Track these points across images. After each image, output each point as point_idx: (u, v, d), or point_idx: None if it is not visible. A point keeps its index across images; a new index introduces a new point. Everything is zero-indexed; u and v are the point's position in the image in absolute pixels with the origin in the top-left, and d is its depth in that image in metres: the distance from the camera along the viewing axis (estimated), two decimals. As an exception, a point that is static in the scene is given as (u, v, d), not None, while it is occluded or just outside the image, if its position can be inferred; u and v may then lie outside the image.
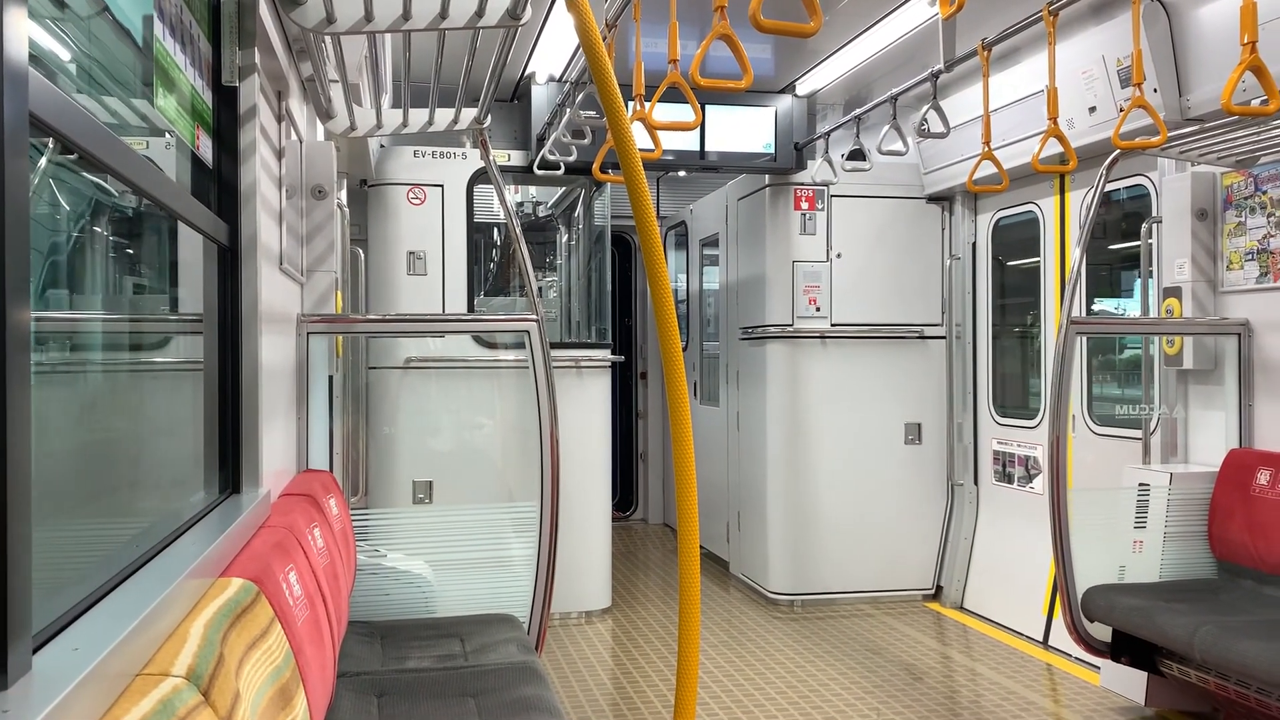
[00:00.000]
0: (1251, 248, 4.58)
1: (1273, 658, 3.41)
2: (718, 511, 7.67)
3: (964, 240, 6.70)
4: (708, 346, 8.35)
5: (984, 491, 6.55)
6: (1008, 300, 6.64)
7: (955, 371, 6.73)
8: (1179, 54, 4.59)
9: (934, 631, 6.07)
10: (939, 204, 6.77)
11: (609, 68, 2.21)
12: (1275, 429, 4.49)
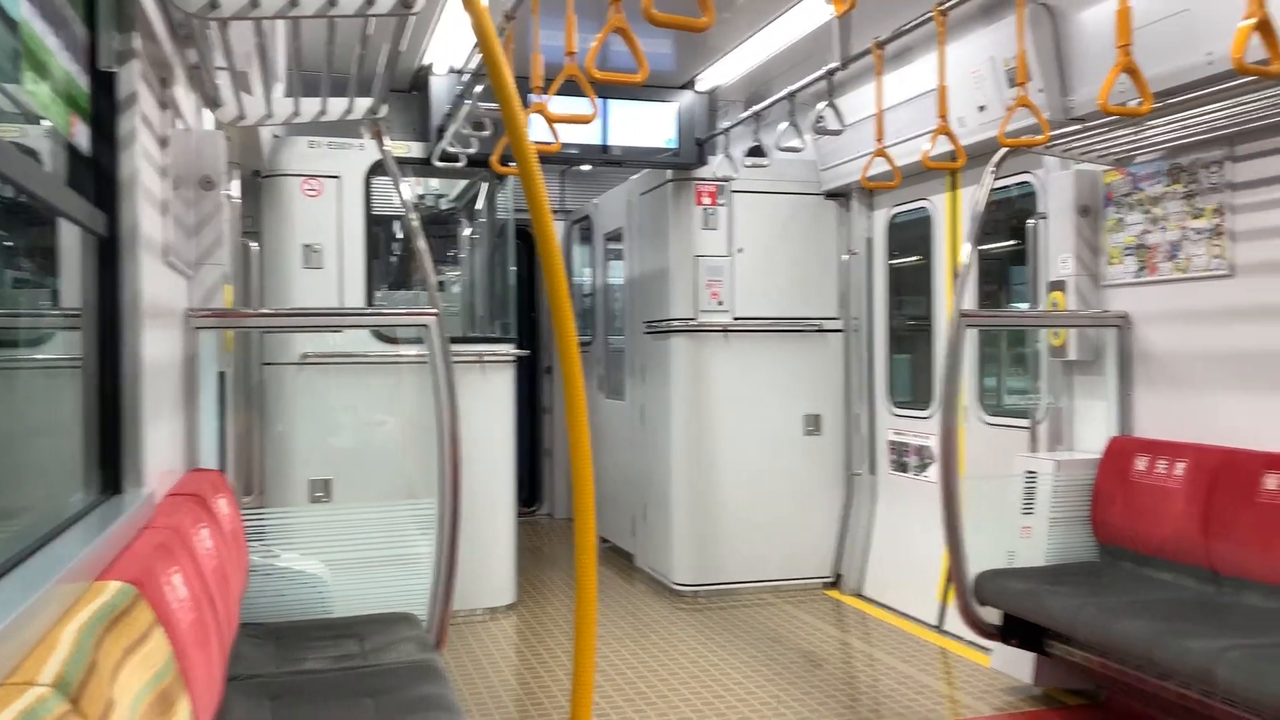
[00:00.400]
0: (1130, 243, 4.78)
1: (1148, 636, 3.57)
2: (623, 505, 7.69)
3: (861, 236, 6.84)
4: (613, 340, 8.36)
5: (881, 481, 6.71)
6: (904, 294, 6.80)
7: (853, 364, 6.87)
8: (1063, 56, 4.75)
9: (833, 619, 6.19)
10: (837, 200, 6.90)
11: (503, 59, 2.19)
12: (1153, 417, 4.69)
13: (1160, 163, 4.61)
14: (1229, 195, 4.29)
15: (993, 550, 4.75)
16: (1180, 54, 4.05)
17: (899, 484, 6.51)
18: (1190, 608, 3.88)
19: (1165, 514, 4.30)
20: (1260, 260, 4.19)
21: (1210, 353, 4.41)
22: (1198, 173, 4.43)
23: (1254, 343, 4.21)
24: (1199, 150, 4.41)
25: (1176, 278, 4.54)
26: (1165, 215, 4.59)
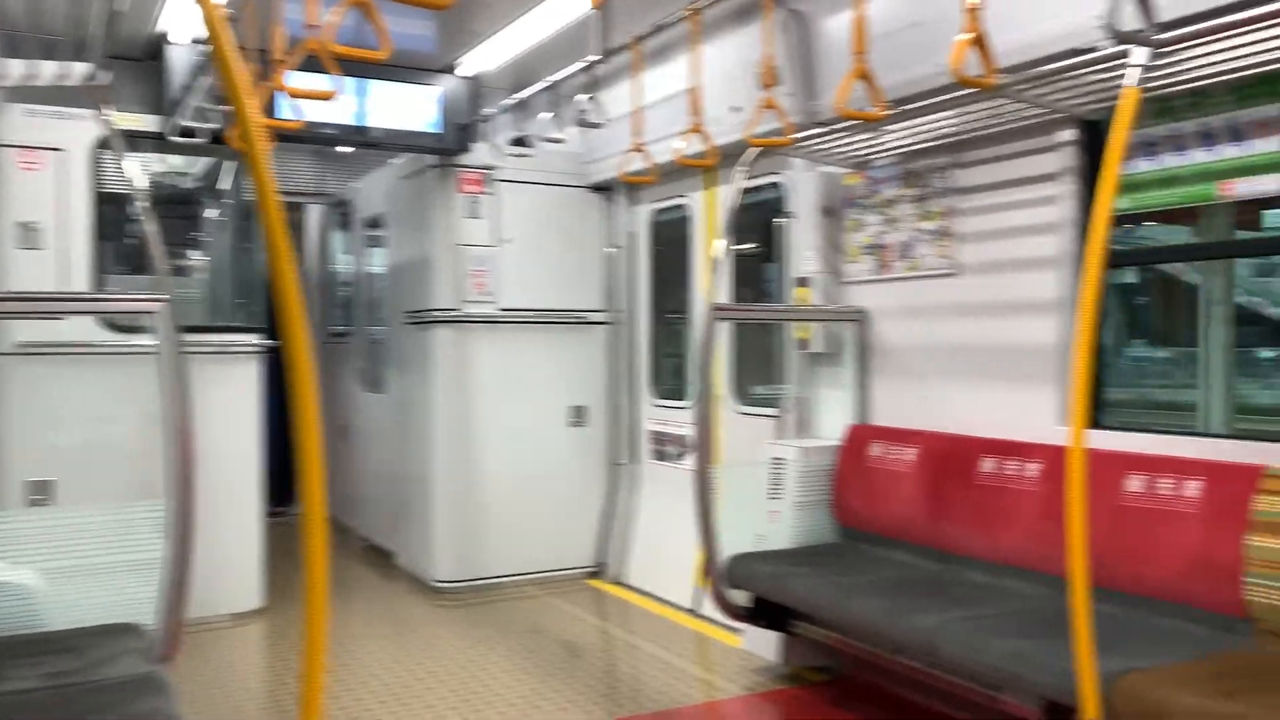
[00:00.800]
0: (868, 243, 5.06)
1: (880, 613, 3.79)
2: (384, 503, 7.47)
3: (624, 230, 6.93)
4: (373, 332, 8.09)
5: (643, 470, 6.83)
6: (665, 288, 6.94)
7: (617, 356, 6.95)
8: (810, 61, 4.97)
9: (595, 608, 6.24)
10: (602, 193, 6.95)
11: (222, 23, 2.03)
12: (888, 406, 4.99)
13: (895, 167, 4.90)
14: (955, 199, 4.62)
15: (744, 534, 4.92)
16: (913, 64, 4.31)
17: (660, 473, 6.64)
18: (919, 585, 4.15)
19: (898, 497, 4.58)
20: (981, 260, 4.53)
21: (938, 346, 4.73)
22: (928, 177, 4.74)
23: (976, 337, 4.55)
24: (929, 156, 4.72)
25: (909, 275, 4.85)
26: (899, 217, 4.88)
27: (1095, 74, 3.59)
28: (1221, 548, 3.33)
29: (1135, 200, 3.98)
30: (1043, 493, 3.99)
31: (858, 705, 4.51)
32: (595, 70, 5.05)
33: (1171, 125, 3.82)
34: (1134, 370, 8.94)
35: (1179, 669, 2.98)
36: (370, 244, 8.19)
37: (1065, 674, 3.01)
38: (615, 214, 6.97)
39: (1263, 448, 3.52)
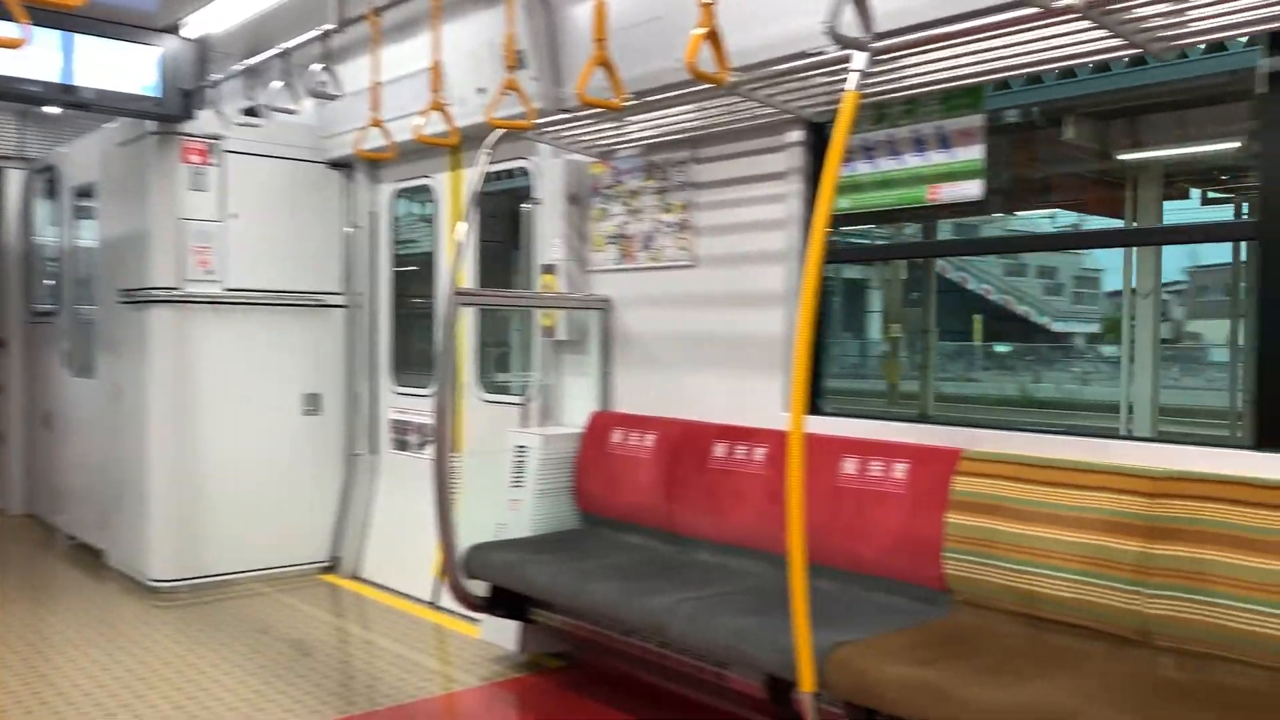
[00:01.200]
0: (613, 232, 5.11)
1: (615, 597, 3.83)
2: (93, 497, 6.84)
3: (365, 209, 6.67)
4: (82, 311, 7.38)
5: (382, 461, 6.61)
6: (408, 271, 6.74)
7: (356, 341, 6.69)
8: (556, 47, 4.94)
9: (329, 605, 5.99)
10: (341, 170, 6.65)
11: None
12: (629, 393, 5.06)
13: (639, 158, 4.97)
14: (693, 193, 4.73)
15: (485, 524, 4.86)
16: (655, 58, 4.37)
17: (400, 463, 6.45)
18: (653, 568, 4.23)
19: (636, 482, 4.66)
20: (716, 253, 4.67)
21: (678, 335, 4.84)
22: (668, 170, 4.83)
23: (712, 327, 4.69)
24: (670, 149, 4.81)
25: (650, 266, 4.93)
26: (642, 208, 4.96)
27: (820, 77, 3.77)
28: (924, 525, 3.59)
29: (855, 200, 4.22)
30: (768, 476, 4.16)
31: (593, 689, 4.55)
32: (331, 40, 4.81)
33: (889, 130, 4.07)
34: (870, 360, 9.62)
35: (885, 640, 3.18)
36: (80, 215, 7.47)
37: (785, 649, 3.15)
38: (355, 192, 6.69)
39: (963, 432, 3.82)
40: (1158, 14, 2.99)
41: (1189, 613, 2.91)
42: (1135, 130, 9.19)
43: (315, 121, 6.43)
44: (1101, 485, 3.19)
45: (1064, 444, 3.47)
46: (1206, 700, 2.73)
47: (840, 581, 3.89)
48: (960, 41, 3.25)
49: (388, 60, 5.57)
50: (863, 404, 16.22)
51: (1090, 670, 2.95)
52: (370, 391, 6.68)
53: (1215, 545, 2.88)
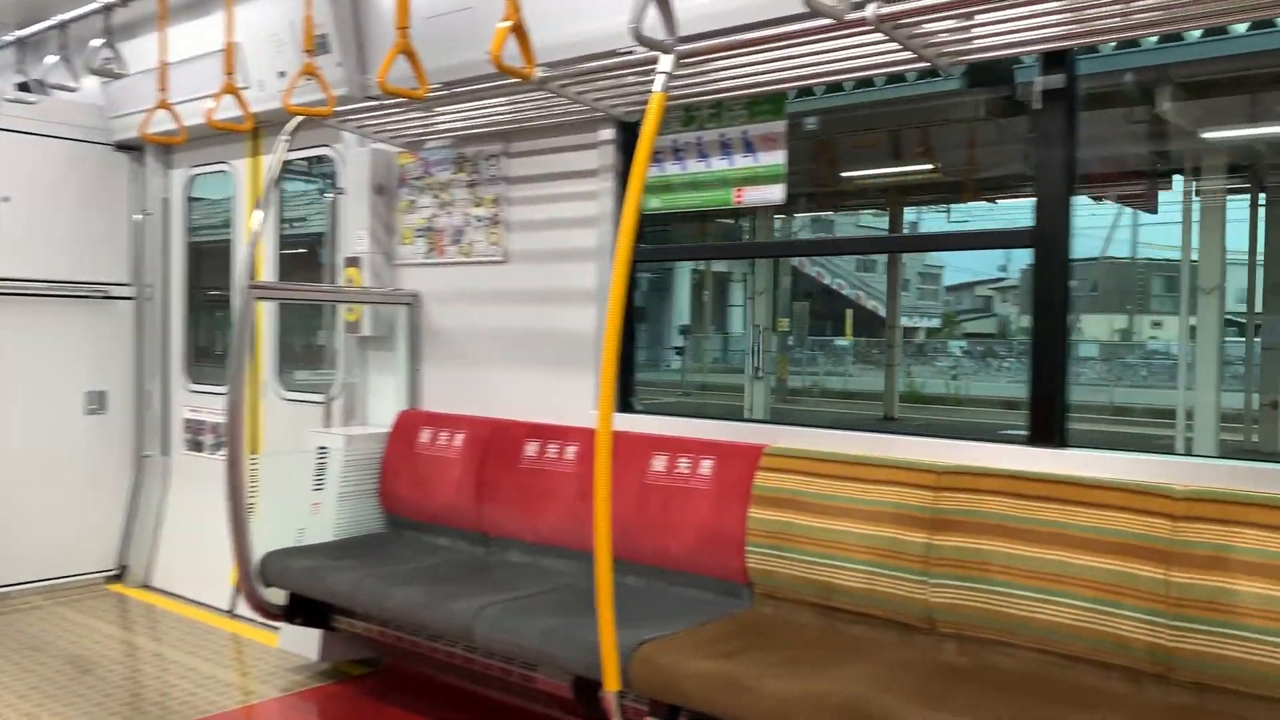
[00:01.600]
0: (421, 225, 4.98)
1: (420, 601, 3.73)
2: None
3: (157, 195, 6.27)
4: None
5: (175, 462, 6.24)
6: (206, 261, 6.38)
7: (146, 336, 6.28)
8: (362, 32, 4.76)
9: (115, 616, 5.60)
10: (129, 153, 6.23)
11: None
12: (439, 391, 4.94)
13: (449, 150, 4.86)
14: (504, 188, 4.67)
15: (284, 529, 4.65)
16: (463, 49, 4.28)
17: (194, 464, 6.11)
18: (461, 570, 4.16)
19: (445, 482, 4.56)
20: (528, 249, 4.62)
21: (489, 331, 4.77)
22: (480, 163, 4.75)
23: (522, 323, 4.64)
24: (482, 142, 4.73)
25: (460, 261, 4.83)
26: (452, 201, 4.85)
27: (631, 77, 3.78)
28: (728, 520, 3.66)
29: (666, 200, 4.26)
30: (579, 474, 4.15)
31: (398, 695, 4.43)
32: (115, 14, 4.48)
33: (697, 132, 4.12)
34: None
35: (688, 635, 3.23)
36: None
37: (590, 648, 3.15)
38: (146, 177, 6.27)
39: (768, 429, 3.91)
40: (945, 30, 3.14)
41: (969, 600, 3.08)
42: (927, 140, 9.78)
43: (101, 101, 6.00)
44: (891, 480, 3.33)
45: (859, 440, 3.60)
46: (984, 682, 2.89)
47: (648, 578, 3.92)
48: (761, 48, 3.32)
49: (182, 38, 5.25)
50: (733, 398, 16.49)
51: (880, 658, 3.08)
52: (162, 389, 6.29)
53: (992, 536, 3.06)
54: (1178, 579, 2.74)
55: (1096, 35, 3.07)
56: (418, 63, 3.46)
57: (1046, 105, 3.27)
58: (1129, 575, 2.81)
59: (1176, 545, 2.76)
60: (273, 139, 5.46)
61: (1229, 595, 2.66)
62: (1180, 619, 2.72)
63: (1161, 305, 29.98)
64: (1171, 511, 2.81)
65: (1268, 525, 2.66)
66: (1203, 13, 2.83)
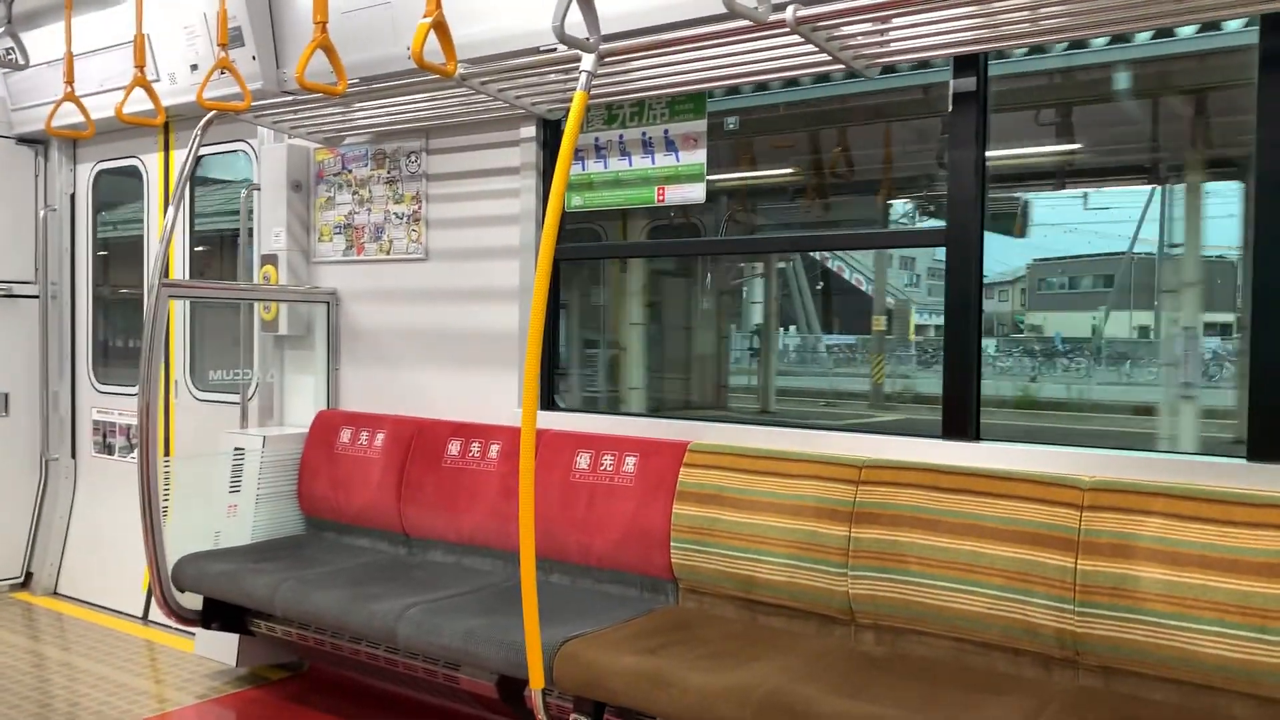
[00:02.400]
0: (340, 222, 4.90)
1: (341, 604, 3.68)
2: None
3: (62, 190, 6.07)
4: None
5: (83, 465, 6.05)
6: (116, 258, 6.20)
7: (51, 335, 6.08)
8: (278, 27, 4.68)
9: (20, 625, 5.41)
10: (32, 147, 6.02)
11: None
12: (359, 391, 4.88)
13: (368, 146, 4.80)
14: (425, 185, 4.62)
15: (199, 532, 4.55)
16: (383, 44, 4.24)
17: (104, 467, 5.93)
18: (383, 571, 4.11)
19: (365, 483, 4.50)
20: (450, 247, 4.58)
21: (410, 330, 4.72)
22: (400, 160, 4.70)
23: (444, 322, 4.60)
24: (402, 139, 4.68)
25: (380, 258, 4.78)
26: (371, 198, 4.79)
27: (554, 75, 3.78)
28: (653, 517, 3.68)
29: (588, 198, 4.26)
30: (503, 473, 4.13)
31: (320, 699, 4.37)
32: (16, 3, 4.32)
33: (620, 131, 4.14)
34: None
35: (613, 632, 3.24)
36: None
37: (514, 647, 3.15)
38: (50, 172, 6.07)
39: (692, 425, 3.94)
40: (861, 33, 3.20)
41: (886, 591, 3.15)
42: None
43: (2, 92, 5.79)
44: (813, 474, 3.39)
45: (781, 435, 3.66)
46: (900, 671, 2.96)
47: (573, 576, 3.93)
48: (683, 48, 3.35)
49: (90, 29, 5.10)
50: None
51: (801, 649, 3.13)
52: (69, 390, 6.10)
53: (909, 528, 3.13)
54: (1084, 567, 2.84)
55: (1006, 40, 3.15)
56: (336, 58, 3.41)
57: (958, 107, 3.35)
58: (1038, 564, 2.90)
59: (1083, 534, 2.87)
60: (186, 134, 5.34)
61: (1132, 582, 2.76)
62: (1086, 605, 2.82)
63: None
64: (1079, 502, 2.91)
65: (1169, 514, 2.77)
66: (1108, 20, 2.93)
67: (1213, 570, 2.67)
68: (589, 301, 7.76)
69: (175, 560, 4.27)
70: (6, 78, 5.69)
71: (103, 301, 6.14)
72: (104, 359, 6.13)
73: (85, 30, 5.08)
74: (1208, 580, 2.67)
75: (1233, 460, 2.88)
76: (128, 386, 5.87)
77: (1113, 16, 2.90)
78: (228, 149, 5.30)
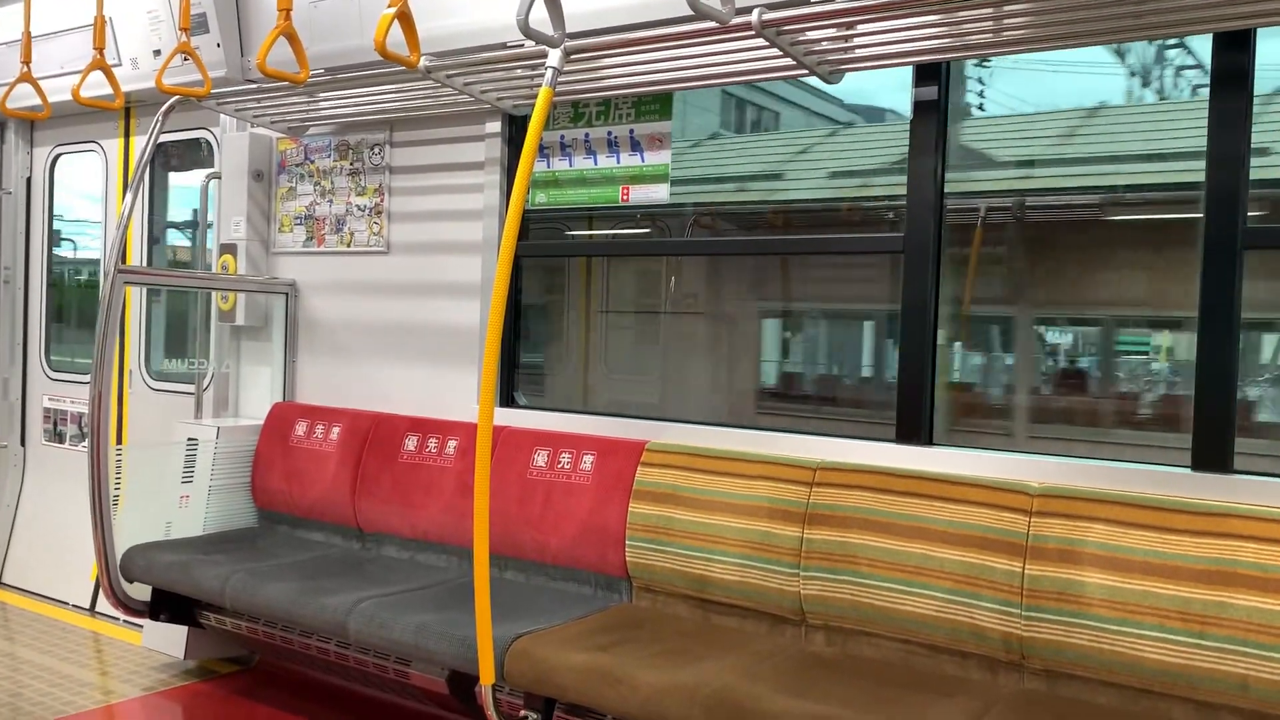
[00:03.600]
0: (301, 213, 4.87)
1: (291, 597, 3.65)
2: None
3: (19, 174, 5.97)
4: None
5: (32, 453, 5.96)
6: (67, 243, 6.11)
7: (2, 320, 5.97)
8: (243, 14, 4.63)
9: (-37, 615, 5.32)
10: (-12, 128, 5.93)
11: None
12: (316, 383, 4.84)
13: (331, 137, 4.76)
14: (388, 177, 4.60)
15: (151, 523, 4.50)
16: (349, 35, 4.21)
17: (54, 456, 5.84)
18: (336, 565, 4.08)
19: (320, 476, 4.47)
20: (412, 241, 4.56)
21: (370, 323, 4.69)
22: (363, 152, 4.67)
23: (404, 316, 4.58)
24: (366, 130, 4.65)
25: (341, 250, 4.74)
26: (334, 189, 4.76)
27: (520, 70, 3.78)
28: (609, 515, 3.68)
29: (552, 196, 4.26)
30: (460, 469, 4.12)
31: (268, 692, 4.33)
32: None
33: (586, 129, 4.14)
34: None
35: (566, 629, 3.24)
36: None
37: (466, 642, 3.14)
38: (6, 155, 5.97)
39: (650, 425, 3.95)
40: (826, 39, 3.23)
41: (837, 592, 3.17)
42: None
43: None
44: (767, 475, 3.41)
45: (737, 436, 3.67)
46: (848, 671, 2.98)
47: (528, 573, 3.93)
48: (648, 48, 3.36)
49: (53, 10, 5.03)
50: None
51: (751, 649, 3.15)
52: (20, 376, 6.00)
53: (860, 529, 3.16)
54: (1031, 571, 2.88)
55: (970, 50, 3.19)
56: (300, 46, 3.39)
57: (918, 115, 3.39)
58: (986, 568, 2.94)
59: (1031, 539, 2.91)
60: (147, 120, 5.29)
61: (1078, 587, 2.80)
62: (1033, 609, 2.86)
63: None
64: (1027, 507, 2.95)
65: (1115, 520, 2.82)
66: (1069, 32, 2.98)
67: (1155, 576, 2.72)
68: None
69: (124, 550, 4.22)
70: (-39, 57, 5.59)
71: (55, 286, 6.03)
72: (55, 345, 6.03)
73: (48, 11, 5.00)
74: (1150, 586, 2.71)
75: (1177, 469, 2.93)
76: (79, 375, 5.79)
77: (1075, 29, 2.95)
78: (189, 136, 5.24)
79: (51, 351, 6.00)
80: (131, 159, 5.55)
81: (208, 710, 4.19)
